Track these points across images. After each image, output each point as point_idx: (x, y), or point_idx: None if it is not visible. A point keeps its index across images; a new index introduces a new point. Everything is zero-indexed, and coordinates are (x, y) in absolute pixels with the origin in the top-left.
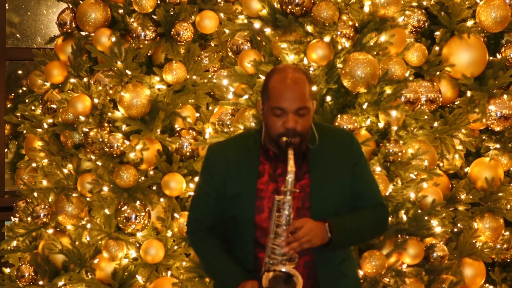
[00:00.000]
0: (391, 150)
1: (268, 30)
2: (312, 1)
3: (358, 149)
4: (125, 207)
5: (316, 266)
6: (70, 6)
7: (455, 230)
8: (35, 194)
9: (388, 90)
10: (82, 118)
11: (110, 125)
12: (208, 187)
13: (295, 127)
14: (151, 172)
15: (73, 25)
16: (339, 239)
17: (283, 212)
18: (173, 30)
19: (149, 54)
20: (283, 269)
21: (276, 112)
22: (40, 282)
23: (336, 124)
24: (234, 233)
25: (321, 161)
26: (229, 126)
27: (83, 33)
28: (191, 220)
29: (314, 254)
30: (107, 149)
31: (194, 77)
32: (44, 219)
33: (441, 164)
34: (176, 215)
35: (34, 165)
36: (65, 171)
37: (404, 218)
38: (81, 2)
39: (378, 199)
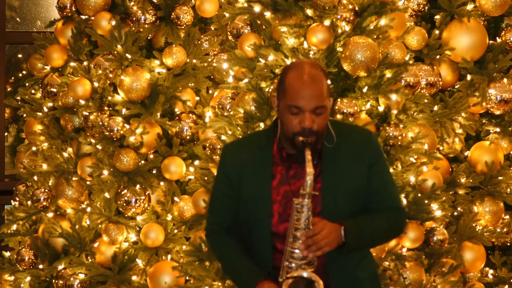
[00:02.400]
0: (391, 134)
1: (268, 14)
2: None
3: (377, 149)
4: (125, 191)
5: (327, 271)
6: None
7: (455, 213)
8: (35, 177)
9: (388, 74)
10: (82, 102)
11: (110, 108)
12: (224, 186)
13: (312, 126)
14: (151, 156)
15: (73, 9)
16: (353, 244)
17: (301, 215)
18: (173, 13)
19: (149, 38)
20: (305, 274)
21: (292, 110)
22: (40, 266)
23: (336, 108)
24: (249, 236)
25: (335, 164)
26: (229, 110)
27: (83, 17)
28: (209, 223)
29: (326, 259)
30: (107, 133)
31: (194, 60)
32: (44, 203)
33: (441, 148)
34: (176, 198)
35: (34, 148)
36: (65, 154)
37: (404, 201)
38: None
39: (395, 202)
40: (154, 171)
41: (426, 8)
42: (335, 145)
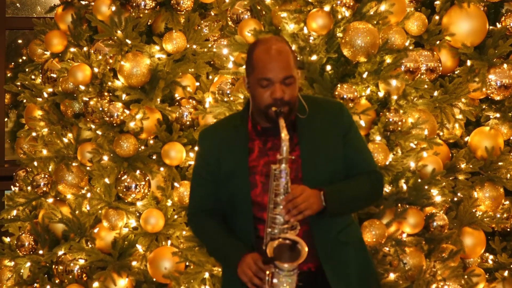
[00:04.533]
0: (391, 119)
1: None
2: None
3: (349, 118)
4: (125, 176)
5: (313, 235)
6: None
7: (455, 199)
8: (35, 163)
9: (388, 59)
10: (82, 87)
11: (110, 94)
12: (203, 171)
13: (283, 96)
14: (151, 141)
15: None
16: (334, 208)
17: (280, 181)
18: None
19: (149, 24)
20: (288, 237)
21: (262, 83)
22: (40, 251)
23: (336, 93)
24: (233, 212)
25: (311, 132)
26: (229, 95)
27: (83, 2)
28: (190, 207)
29: (311, 224)
30: (107, 118)
31: (194, 46)
32: (44, 189)
33: (441, 133)
34: (176, 184)
35: (34, 134)
36: (65, 140)
37: (404, 187)
38: None
39: (371, 166)
40: (154, 157)
41: None
42: (308, 116)
